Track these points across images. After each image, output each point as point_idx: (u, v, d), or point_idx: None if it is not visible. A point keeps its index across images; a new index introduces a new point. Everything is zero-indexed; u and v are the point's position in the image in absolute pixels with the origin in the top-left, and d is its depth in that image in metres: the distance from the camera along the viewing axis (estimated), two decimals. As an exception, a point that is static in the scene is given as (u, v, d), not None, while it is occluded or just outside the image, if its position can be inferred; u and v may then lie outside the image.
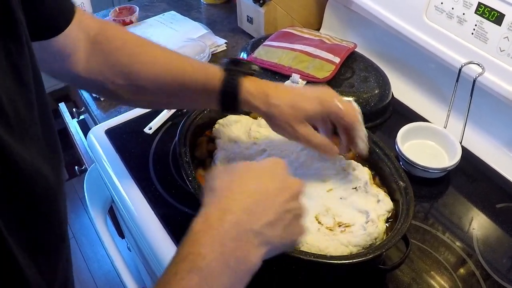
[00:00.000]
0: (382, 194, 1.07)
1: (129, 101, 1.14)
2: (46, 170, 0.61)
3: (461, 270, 1.07)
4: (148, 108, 1.40)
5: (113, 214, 1.89)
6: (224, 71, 1.02)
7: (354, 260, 0.91)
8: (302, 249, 0.94)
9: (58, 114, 3.75)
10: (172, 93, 1.07)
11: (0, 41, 0.62)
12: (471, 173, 1.29)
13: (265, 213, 0.73)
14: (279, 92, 1.02)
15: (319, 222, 1.00)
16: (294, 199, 0.78)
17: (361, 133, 1.05)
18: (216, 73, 1.02)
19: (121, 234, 2.07)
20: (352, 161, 1.15)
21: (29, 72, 0.67)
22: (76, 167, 2.01)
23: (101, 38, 1.02)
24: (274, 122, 1.03)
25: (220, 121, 1.22)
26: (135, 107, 1.45)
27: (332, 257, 0.92)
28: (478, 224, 1.17)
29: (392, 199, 1.06)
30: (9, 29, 0.64)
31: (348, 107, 1.03)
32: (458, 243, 1.12)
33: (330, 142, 1.05)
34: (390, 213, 1.04)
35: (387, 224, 1.03)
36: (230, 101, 1.02)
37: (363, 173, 1.11)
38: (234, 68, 1.03)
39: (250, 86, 1.01)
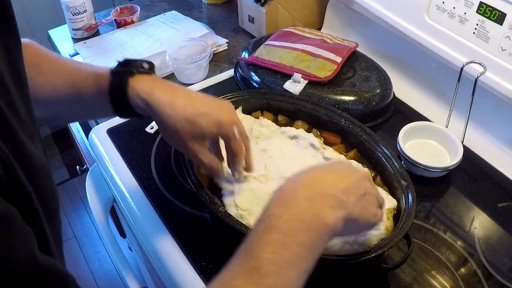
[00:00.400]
0: (384, 193, 1.07)
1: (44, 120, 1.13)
2: (43, 158, 0.63)
3: (463, 270, 1.07)
4: (53, 123, 1.40)
5: (114, 214, 1.89)
6: (112, 73, 0.97)
7: (356, 259, 0.91)
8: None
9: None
10: (69, 103, 1.02)
11: (1, 40, 0.63)
12: (472, 172, 1.29)
13: (337, 183, 0.77)
14: (178, 100, 0.95)
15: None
16: (365, 180, 0.83)
17: (240, 164, 1.04)
18: (105, 77, 0.97)
19: (122, 234, 2.08)
20: (353, 161, 1.15)
21: (25, 71, 0.69)
22: (77, 166, 2.01)
23: None
24: (165, 131, 0.98)
25: None
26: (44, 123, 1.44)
27: (334, 255, 0.92)
28: (480, 223, 1.17)
29: (395, 198, 1.07)
30: (8, 28, 0.66)
31: (242, 137, 1.01)
32: (459, 243, 1.12)
33: (217, 163, 1.02)
34: (395, 210, 1.05)
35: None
36: (121, 105, 0.98)
37: None
38: (122, 69, 0.97)
39: (141, 88, 0.95)
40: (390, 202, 1.05)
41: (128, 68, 0.96)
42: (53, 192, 0.64)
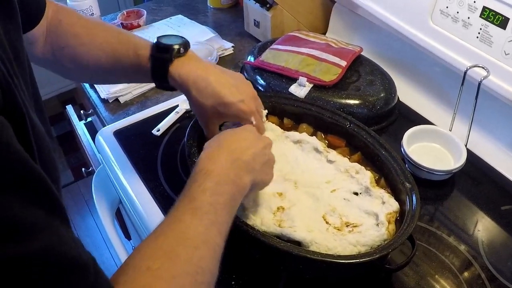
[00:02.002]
0: (386, 196, 1.08)
1: (81, 80, 1.29)
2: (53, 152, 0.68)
3: (467, 273, 1.07)
4: (91, 83, 1.61)
5: (119, 216, 1.90)
6: (151, 57, 1.09)
7: (361, 260, 0.92)
8: (311, 248, 0.95)
9: (63, 117, 3.78)
10: (114, 74, 1.17)
11: (1, 23, 0.66)
12: (476, 175, 1.30)
13: (248, 150, 0.93)
14: (208, 87, 1.07)
15: (327, 222, 1.01)
16: (267, 148, 0.99)
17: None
18: (146, 59, 1.09)
19: (127, 236, 2.08)
20: (356, 164, 1.16)
21: (25, 53, 0.73)
22: (83, 168, 2.02)
23: (55, 22, 1.10)
24: (196, 109, 1.11)
25: (226, 123, 1.23)
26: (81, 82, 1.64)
27: (339, 257, 0.93)
28: (483, 226, 1.18)
29: (398, 200, 1.07)
30: (9, 11, 0.70)
31: (258, 122, 1.12)
32: (463, 245, 1.12)
33: None
34: (398, 213, 1.05)
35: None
36: (163, 84, 1.11)
37: (365, 177, 1.12)
38: (160, 55, 1.08)
39: (179, 72, 1.07)
40: (392, 206, 1.06)
41: (166, 55, 1.07)
42: (53, 164, 0.66)
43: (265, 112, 1.20)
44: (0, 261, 0.49)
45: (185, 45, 1.10)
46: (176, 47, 1.08)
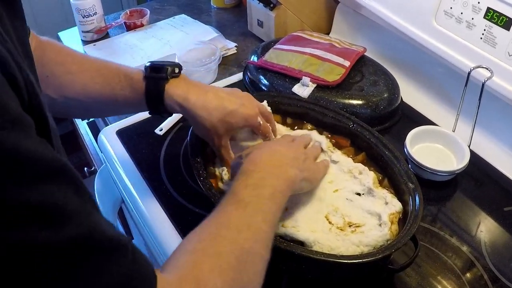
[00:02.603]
0: (389, 196, 1.07)
1: (66, 114, 1.19)
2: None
3: (469, 273, 1.07)
4: (83, 118, 1.55)
5: (121, 215, 1.90)
6: (145, 79, 1.06)
7: (364, 260, 0.92)
8: (314, 248, 0.95)
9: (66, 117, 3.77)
10: (103, 103, 1.10)
11: (11, 21, 0.68)
12: (479, 176, 1.30)
13: (289, 152, 0.98)
14: (209, 103, 1.06)
15: (330, 222, 1.01)
16: (300, 148, 1.04)
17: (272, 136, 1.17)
18: (139, 81, 1.06)
19: (129, 235, 2.08)
20: (360, 164, 1.16)
21: (30, 47, 0.75)
22: (85, 168, 2.02)
23: (38, 51, 1.04)
24: (199, 129, 1.09)
25: (239, 136, 1.23)
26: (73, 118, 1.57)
27: (341, 256, 0.93)
28: (486, 227, 1.18)
29: (401, 201, 1.07)
30: (16, 10, 0.72)
31: (267, 120, 1.15)
32: (465, 246, 1.12)
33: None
34: (401, 214, 1.05)
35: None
36: (157, 108, 1.08)
37: (368, 178, 1.12)
38: (155, 75, 1.06)
39: (176, 93, 1.05)
40: (395, 206, 1.06)
41: (161, 75, 1.05)
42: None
43: (265, 103, 1.21)
44: (48, 245, 0.51)
45: (179, 66, 1.09)
46: (170, 68, 1.07)
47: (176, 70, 1.07)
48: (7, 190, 0.48)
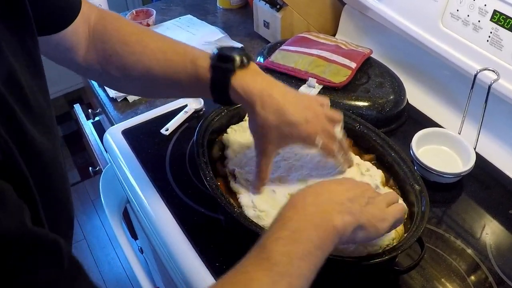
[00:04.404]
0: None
1: (128, 91, 1.17)
2: (54, 147, 0.68)
3: (474, 276, 1.07)
4: (142, 96, 1.48)
5: (126, 216, 1.90)
6: (212, 67, 1.00)
7: (371, 261, 0.92)
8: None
9: (70, 116, 3.79)
10: (167, 86, 1.08)
11: (16, 34, 0.66)
12: (484, 179, 1.29)
13: (343, 192, 0.83)
14: (273, 102, 0.98)
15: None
16: (369, 191, 0.89)
17: (339, 157, 1.09)
18: (205, 70, 1.00)
19: (134, 236, 2.08)
20: (367, 162, 1.16)
21: (42, 63, 0.72)
22: (90, 168, 2.02)
23: (100, 27, 1.03)
24: (254, 126, 1.02)
25: (233, 126, 1.23)
26: (129, 94, 1.52)
27: (348, 257, 0.93)
28: (491, 230, 1.17)
29: (407, 202, 1.07)
30: (24, 23, 0.69)
31: (326, 143, 1.04)
32: (471, 249, 1.12)
33: (264, 180, 1.06)
34: (406, 214, 1.05)
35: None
36: (222, 98, 1.02)
37: (375, 176, 1.12)
38: (223, 65, 0.99)
39: (241, 84, 0.98)
40: None
41: (228, 65, 0.98)
42: (62, 179, 0.67)
43: (338, 130, 1.09)
44: None
45: (248, 56, 1.01)
46: (238, 57, 0.99)
47: (245, 60, 0.99)
48: None
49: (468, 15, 1.32)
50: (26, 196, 0.55)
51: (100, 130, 1.85)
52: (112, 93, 1.59)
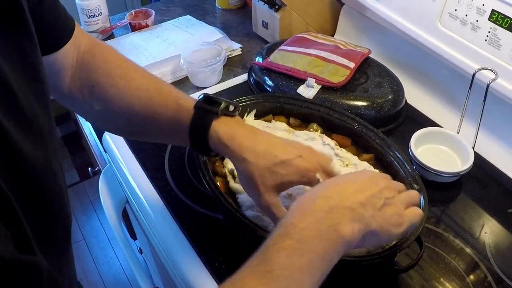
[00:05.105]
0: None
1: (104, 127, 1.11)
2: (47, 155, 0.66)
3: (473, 275, 1.07)
4: (122, 135, 1.34)
5: (125, 216, 1.90)
6: (195, 108, 0.95)
7: (369, 259, 0.92)
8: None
9: (69, 117, 3.79)
10: (145, 126, 1.02)
11: (12, 39, 0.65)
12: (483, 178, 1.30)
13: (355, 195, 0.77)
14: (258, 146, 0.92)
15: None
16: (386, 190, 0.82)
17: None
18: (187, 111, 0.95)
19: (133, 236, 2.08)
20: (365, 163, 1.16)
21: (43, 67, 0.70)
22: (89, 168, 2.02)
23: (88, 56, 0.99)
24: (242, 179, 0.95)
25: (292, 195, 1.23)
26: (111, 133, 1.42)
27: (347, 256, 0.93)
28: (490, 229, 1.18)
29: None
30: (22, 27, 0.68)
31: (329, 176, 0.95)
32: (470, 248, 1.12)
33: None
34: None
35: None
36: (200, 143, 0.95)
37: None
38: (206, 106, 0.94)
39: (223, 130, 0.92)
40: None
41: (213, 108, 0.93)
42: (55, 190, 0.66)
43: (331, 161, 1.01)
44: None
45: (235, 106, 0.96)
46: (225, 103, 0.94)
47: (231, 108, 0.95)
48: None
49: (466, 15, 1.32)
50: (10, 218, 0.54)
51: (100, 130, 1.84)
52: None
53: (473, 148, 1.29)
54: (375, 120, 1.38)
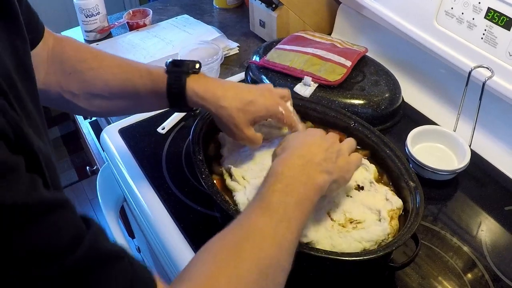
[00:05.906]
0: (390, 193, 1.08)
1: (88, 111, 1.16)
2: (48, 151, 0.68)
3: (470, 273, 1.08)
4: (107, 116, 1.52)
5: (123, 214, 1.91)
6: (167, 73, 1.08)
7: (365, 257, 0.92)
8: (316, 246, 0.96)
9: (68, 117, 3.79)
10: (125, 98, 1.12)
11: (6, 35, 0.67)
12: (479, 176, 1.30)
13: (319, 153, 0.93)
14: (228, 93, 1.07)
15: (332, 219, 1.01)
16: (334, 144, 0.98)
17: (299, 126, 1.16)
18: (160, 76, 1.08)
19: (131, 235, 2.09)
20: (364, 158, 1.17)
21: (32, 65, 0.73)
22: (87, 167, 2.02)
23: (58, 49, 1.07)
24: (222, 122, 1.08)
25: (263, 129, 1.23)
26: (95, 116, 1.58)
27: (342, 254, 0.93)
28: (487, 226, 1.18)
29: (402, 199, 1.08)
30: (13, 24, 0.70)
31: (287, 111, 1.12)
32: (467, 246, 1.13)
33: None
34: (401, 211, 1.06)
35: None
36: (178, 102, 1.08)
37: (369, 171, 1.13)
38: (177, 69, 1.08)
39: (197, 86, 1.06)
40: (396, 203, 1.06)
41: (183, 69, 1.07)
42: (58, 178, 0.67)
43: (289, 104, 1.17)
44: (52, 276, 0.53)
45: (198, 62, 1.10)
46: (190, 63, 1.08)
47: (197, 66, 1.09)
48: (12, 236, 0.50)
49: (462, 13, 1.33)
50: (38, 170, 0.58)
51: (97, 129, 1.85)
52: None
53: (470, 146, 1.29)
54: (372, 118, 1.38)
